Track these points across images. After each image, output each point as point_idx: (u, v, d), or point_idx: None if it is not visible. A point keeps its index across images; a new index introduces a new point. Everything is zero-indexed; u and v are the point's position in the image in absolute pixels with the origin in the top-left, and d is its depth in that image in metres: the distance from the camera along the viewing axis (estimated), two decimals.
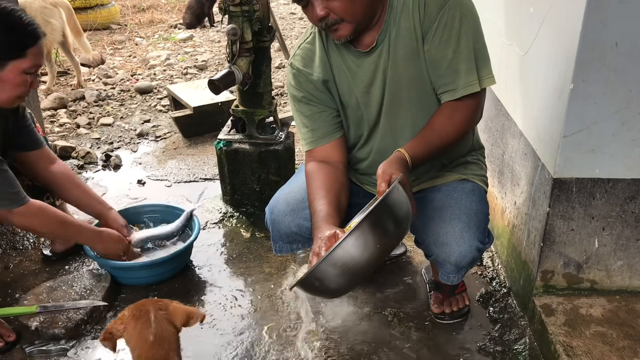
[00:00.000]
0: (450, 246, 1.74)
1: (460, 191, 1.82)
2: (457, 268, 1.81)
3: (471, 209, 1.77)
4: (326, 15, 1.60)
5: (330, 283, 1.38)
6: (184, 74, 4.83)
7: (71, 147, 3.35)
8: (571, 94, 1.71)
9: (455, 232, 1.74)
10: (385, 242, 1.38)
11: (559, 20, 1.80)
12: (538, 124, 1.98)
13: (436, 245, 1.78)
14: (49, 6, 4.25)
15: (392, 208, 1.40)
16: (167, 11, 7.32)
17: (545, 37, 1.91)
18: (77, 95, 4.24)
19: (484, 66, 1.68)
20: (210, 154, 3.37)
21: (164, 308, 1.47)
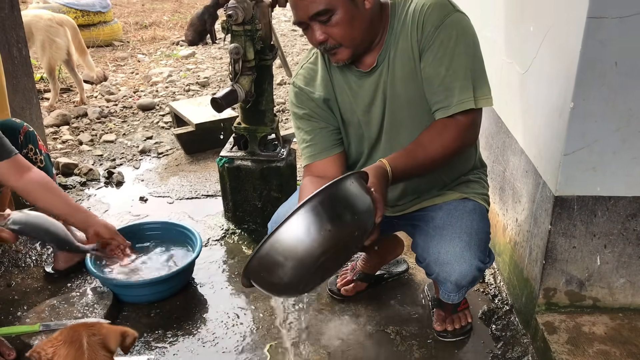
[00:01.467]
0: (451, 265, 1.75)
1: (462, 210, 1.82)
2: (458, 287, 1.81)
3: (472, 228, 1.78)
4: (325, 40, 1.63)
5: (277, 272, 1.33)
6: (186, 90, 4.86)
7: (74, 164, 3.36)
8: (572, 112, 1.72)
9: (456, 251, 1.74)
10: (332, 231, 1.30)
11: (559, 40, 1.82)
12: (539, 142, 1.99)
13: (437, 264, 1.78)
14: (55, 25, 4.29)
15: (341, 197, 1.35)
16: (169, 28, 7.38)
17: (546, 56, 1.93)
18: (80, 112, 4.26)
19: (480, 87, 1.66)
20: (212, 170, 3.38)
21: (97, 332, 1.42)
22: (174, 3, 8.75)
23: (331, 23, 1.60)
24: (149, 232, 2.56)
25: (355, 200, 1.37)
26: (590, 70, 1.67)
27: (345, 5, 1.59)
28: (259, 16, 2.50)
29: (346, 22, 1.61)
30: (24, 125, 2.34)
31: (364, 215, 1.39)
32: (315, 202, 1.30)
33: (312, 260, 1.32)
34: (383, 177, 1.53)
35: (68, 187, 3.19)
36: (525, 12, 2.14)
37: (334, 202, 1.34)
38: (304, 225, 1.30)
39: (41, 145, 2.39)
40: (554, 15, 1.83)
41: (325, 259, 1.33)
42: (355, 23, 1.62)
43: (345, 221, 1.34)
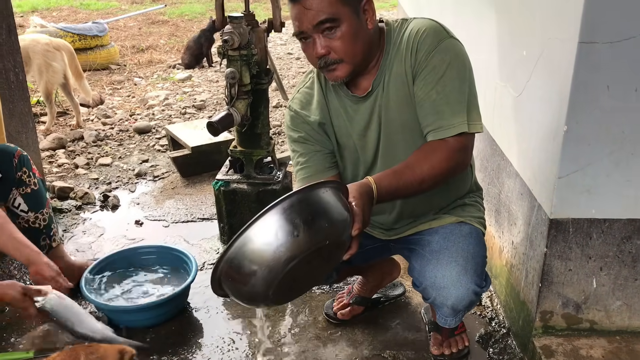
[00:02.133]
0: (448, 289, 1.74)
1: (458, 234, 1.82)
2: (455, 311, 1.80)
3: (468, 252, 1.77)
4: (326, 53, 1.63)
5: (245, 277, 1.30)
6: (183, 113, 4.87)
7: (69, 187, 3.35)
8: (565, 136, 1.74)
9: (453, 276, 1.73)
10: (301, 237, 1.28)
11: (551, 63, 1.84)
12: (533, 165, 2.00)
13: (434, 288, 1.77)
14: (52, 49, 4.32)
15: (312, 203, 1.33)
16: (165, 51, 7.42)
17: (539, 79, 1.94)
18: (76, 136, 4.27)
19: (470, 112, 1.65)
20: (208, 193, 3.38)
21: (95, 352, 1.43)
22: (171, 27, 8.81)
23: (335, 36, 1.60)
24: (144, 257, 2.56)
25: (328, 209, 1.35)
26: (583, 94, 1.69)
27: (351, 18, 1.60)
28: (255, 41, 2.53)
29: (350, 36, 1.61)
30: (18, 150, 2.35)
31: (337, 226, 1.36)
32: (284, 204, 1.28)
33: (279, 266, 1.29)
34: (366, 194, 1.52)
35: (63, 210, 3.18)
36: (518, 37, 2.17)
37: (305, 207, 1.31)
38: (272, 227, 1.27)
39: (34, 169, 2.40)
40: (546, 40, 1.86)
41: (294, 266, 1.30)
42: (358, 39, 1.63)
43: (315, 228, 1.31)
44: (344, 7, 1.58)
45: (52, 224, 2.42)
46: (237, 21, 2.40)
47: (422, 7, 4.41)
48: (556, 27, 1.79)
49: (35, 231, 2.36)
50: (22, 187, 2.32)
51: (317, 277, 1.58)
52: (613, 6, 1.61)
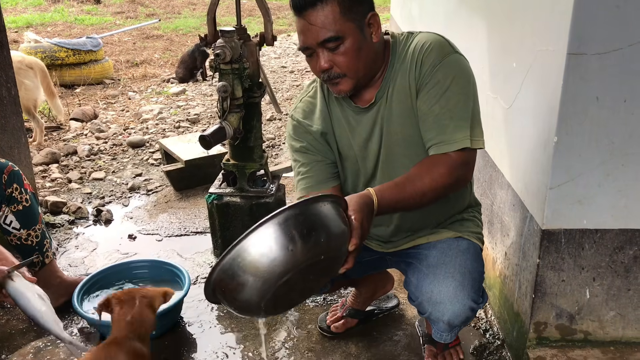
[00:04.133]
0: (444, 305, 1.73)
1: (455, 249, 1.81)
2: (450, 327, 1.79)
3: (465, 268, 1.76)
4: (329, 67, 1.64)
5: (238, 287, 1.30)
6: (176, 127, 4.87)
7: (62, 202, 3.34)
8: (555, 147, 1.74)
9: (449, 291, 1.72)
10: (295, 251, 1.27)
11: (541, 75, 1.85)
12: (525, 176, 2.01)
13: (430, 303, 1.76)
14: (24, 67, 4.31)
15: (309, 216, 1.32)
16: (160, 66, 7.43)
17: (529, 91, 1.96)
18: (70, 150, 4.26)
19: (474, 128, 1.64)
20: (201, 206, 3.37)
21: (146, 295, 1.82)
22: (165, 41, 8.83)
23: (339, 51, 1.61)
24: (137, 271, 2.55)
25: (326, 223, 1.34)
26: (572, 105, 1.70)
27: (355, 35, 1.60)
28: (247, 55, 2.53)
29: (353, 52, 1.61)
30: (9, 165, 2.33)
31: (334, 240, 1.35)
32: (282, 217, 1.28)
33: (273, 278, 1.28)
34: (366, 206, 1.50)
35: (56, 225, 3.16)
36: (508, 49, 2.18)
37: (302, 220, 1.30)
38: (268, 240, 1.27)
39: (27, 185, 2.38)
40: (536, 52, 1.87)
41: (288, 279, 1.29)
42: (361, 54, 1.63)
43: (311, 242, 1.30)
44: (348, 23, 1.58)
45: (44, 240, 2.41)
46: (229, 35, 2.41)
47: (415, 20, 4.44)
48: (545, 39, 1.80)
49: (28, 248, 2.35)
50: (14, 204, 2.30)
51: (311, 289, 1.57)
52: (601, 18, 1.62)
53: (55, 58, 6.19)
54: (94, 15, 11.11)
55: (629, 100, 1.69)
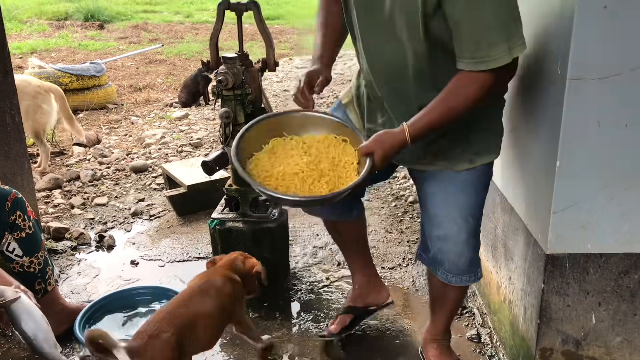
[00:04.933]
0: (448, 247, 1.90)
1: (459, 186, 1.89)
2: (456, 268, 1.93)
3: (467, 211, 1.89)
4: None
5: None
6: (179, 151, 4.89)
7: (65, 228, 3.34)
8: (558, 171, 1.74)
9: (453, 237, 1.89)
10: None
11: (542, 99, 1.85)
12: (528, 200, 2.00)
13: (434, 245, 1.94)
14: (42, 92, 4.37)
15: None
16: (162, 90, 7.47)
17: (531, 115, 1.96)
18: (72, 176, 4.27)
19: (513, 34, 1.55)
20: (204, 232, 3.36)
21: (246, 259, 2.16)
22: (168, 66, 8.89)
23: None
24: (140, 297, 2.53)
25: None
26: (574, 129, 1.70)
27: None
28: (249, 80, 2.55)
29: None
30: (12, 192, 2.34)
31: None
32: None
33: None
34: (396, 147, 1.68)
35: (59, 251, 3.16)
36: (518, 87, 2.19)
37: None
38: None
39: (30, 212, 2.38)
40: (537, 76, 1.88)
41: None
42: None
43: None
44: None
45: (47, 267, 2.40)
46: (231, 62, 2.43)
47: None
48: (546, 64, 1.81)
49: (30, 275, 2.34)
50: (17, 231, 2.30)
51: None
52: (601, 43, 1.63)
53: (58, 84, 6.16)
54: (97, 40, 11.20)
55: (630, 124, 1.69)
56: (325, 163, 1.81)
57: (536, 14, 1.87)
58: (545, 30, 1.81)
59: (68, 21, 13.36)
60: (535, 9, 1.88)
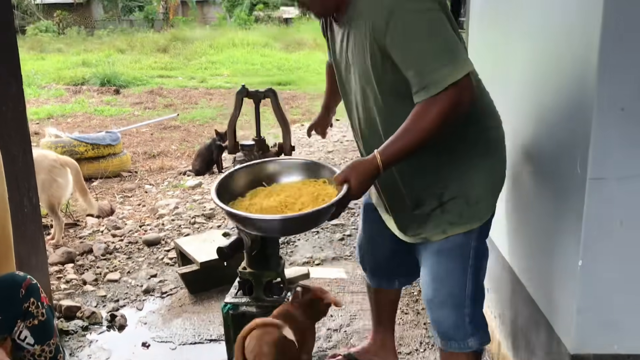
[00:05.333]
0: (438, 319, 2.01)
1: (437, 263, 1.98)
2: (446, 337, 2.02)
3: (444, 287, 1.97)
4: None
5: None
6: (192, 223, 4.89)
7: (76, 306, 3.31)
8: (581, 270, 1.71)
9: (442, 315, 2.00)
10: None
11: (564, 198, 1.84)
12: (550, 296, 1.97)
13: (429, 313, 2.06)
14: (58, 166, 4.44)
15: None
16: (176, 157, 7.56)
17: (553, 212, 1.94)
18: (85, 249, 4.26)
19: (452, 57, 1.66)
20: (216, 311, 3.32)
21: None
22: (182, 132, 9.03)
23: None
24: None
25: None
26: (597, 229, 1.68)
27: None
28: None
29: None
30: (27, 279, 2.32)
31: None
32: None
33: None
34: (370, 173, 1.76)
35: (70, 332, 3.11)
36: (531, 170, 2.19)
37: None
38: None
39: (43, 298, 2.36)
40: (557, 175, 1.87)
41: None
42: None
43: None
44: None
45: (58, 354, 2.36)
46: (249, 149, 2.45)
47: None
48: (566, 162, 1.80)
49: None
50: (30, 318, 2.27)
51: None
52: (619, 143, 1.64)
53: (74, 152, 6.31)
54: (113, 105, 11.45)
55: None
56: (306, 197, 1.88)
57: (555, 113, 1.89)
58: (564, 130, 1.82)
59: (85, 86, 13.70)
60: (553, 109, 1.90)
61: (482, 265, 2.00)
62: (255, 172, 2.08)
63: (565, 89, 1.83)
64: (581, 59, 1.70)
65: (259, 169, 2.10)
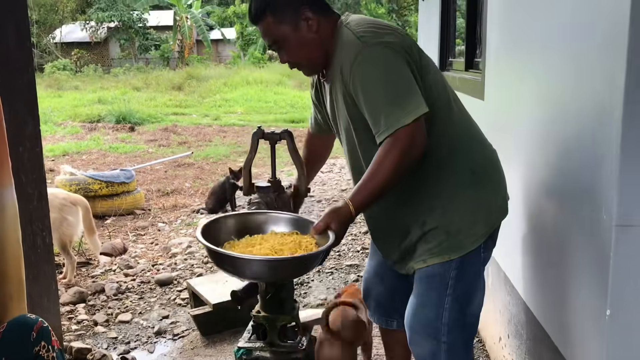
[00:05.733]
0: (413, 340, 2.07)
1: (418, 285, 2.03)
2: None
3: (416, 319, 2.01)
4: (287, 61, 2.01)
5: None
6: (205, 262, 4.85)
7: (87, 348, 3.26)
8: (609, 320, 1.65)
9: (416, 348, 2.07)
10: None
11: (589, 249, 1.79)
12: (577, 345, 1.90)
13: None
14: (68, 204, 4.47)
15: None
16: (190, 195, 7.56)
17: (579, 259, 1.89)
18: (97, 289, 4.23)
19: (405, 102, 1.76)
20: (228, 354, 3.25)
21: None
22: (196, 169, 9.06)
23: (285, 50, 1.97)
24: None
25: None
26: (625, 278, 1.62)
27: (292, 34, 1.93)
28: (280, 205, 2.53)
29: (295, 48, 1.96)
30: (39, 321, 2.29)
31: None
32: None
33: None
34: (343, 219, 1.86)
35: None
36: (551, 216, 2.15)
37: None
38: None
39: (54, 341, 2.32)
40: (583, 222, 1.82)
41: None
42: (303, 47, 1.95)
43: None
44: (283, 27, 1.92)
45: None
46: (265, 191, 2.43)
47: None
48: (590, 208, 1.76)
49: None
50: None
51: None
52: None
53: (88, 190, 6.35)
54: (127, 143, 11.55)
55: None
56: (290, 246, 1.98)
57: (576, 156, 1.85)
58: (587, 173, 1.78)
59: (100, 123, 13.88)
60: (574, 150, 1.86)
61: (466, 296, 1.98)
62: (240, 221, 2.22)
63: (588, 130, 1.79)
64: (604, 99, 1.66)
65: (243, 219, 2.23)
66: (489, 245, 2.00)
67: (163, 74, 24.61)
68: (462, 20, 4.46)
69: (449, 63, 4.95)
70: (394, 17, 29.57)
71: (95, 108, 15.53)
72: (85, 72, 26.76)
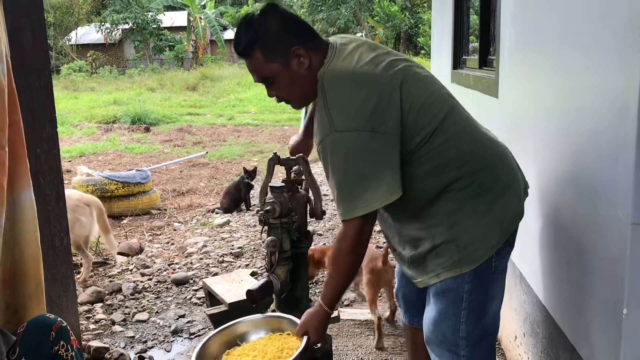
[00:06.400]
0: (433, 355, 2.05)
1: (434, 300, 1.99)
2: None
3: (439, 332, 1.98)
4: (275, 96, 1.98)
5: None
6: (220, 262, 4.88)
7: (105, 347, 3.30)
8: (626, 319, 1.64)
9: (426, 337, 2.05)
10: None
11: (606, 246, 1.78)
12: (592, 345, 1.88)
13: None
14: (81, 205, 4.53)
15: None
16: (205, 195, 7.61)
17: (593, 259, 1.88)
18: (114, 288, 4.27)
19: (353, 197, 1.79)
20: None
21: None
22: (211, 169, 9.11)
23: (274, 86, 1.93)
24: None
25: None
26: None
27: (282, 71, 1.88)
28: (294, 206, 2.54)
29: (286, 84, 1.91)
30: (58, 321, 2.32)
31: None
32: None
33: None
34: (322, 318, 1.98)
35: None
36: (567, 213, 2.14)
37: None
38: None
39: (73, 341, 2.35)
40: (599, 221, 1.81)
41: None
42: (294, 84, 1.91)
43: None
44: (273, 64, 1.87)
45: None
46: (279, 191, 2.44)
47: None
48: (607, 207, 1.75)
49: None
50: None
51: None
52: None
53: (105, 190, 6.41)
54: (143, 143, 11.64)
55: None
56: (271, 354, 2.05)
57: (591, 154, 1.84)
58: (602, 171, 1.77)
59: (116, 124, 13.99)
60: (589, 149, 1.85)
61: (482, 307, 1.93)
62: (228, 334, 2.33)
63: (603, 128, 1.78)
64: (619, 97, 1.65)
65: (231, 331, 2.35)
66: (506, 250, 1.94)
67: (177, 74, 24.75)
68: (476, 17, 4.44)
69: (463, 61, 4.93)
70: (407, 14, 29.38)
71: (110, 109, 15.66)
72: (100, 74, 27.00)
